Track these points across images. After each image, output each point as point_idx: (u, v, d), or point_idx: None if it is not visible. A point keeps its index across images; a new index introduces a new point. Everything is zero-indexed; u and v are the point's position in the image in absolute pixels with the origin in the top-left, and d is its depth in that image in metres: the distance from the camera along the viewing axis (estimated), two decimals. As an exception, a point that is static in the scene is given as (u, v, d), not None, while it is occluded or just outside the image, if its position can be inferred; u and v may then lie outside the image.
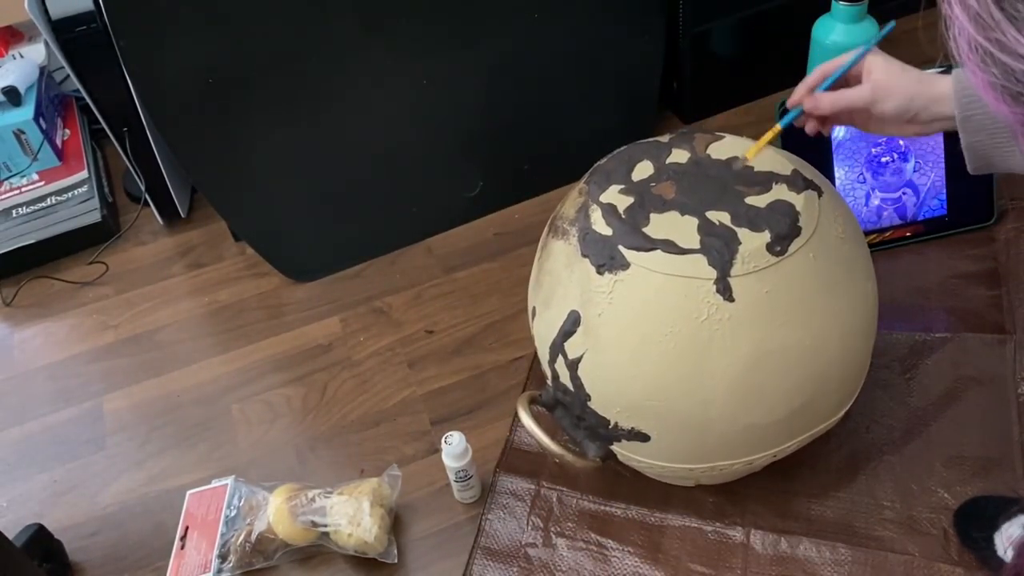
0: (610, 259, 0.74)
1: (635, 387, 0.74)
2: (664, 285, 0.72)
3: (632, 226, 0.75)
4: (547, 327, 0.80)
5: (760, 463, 0.80)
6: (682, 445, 0.77)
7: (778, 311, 0.71)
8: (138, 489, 1.04)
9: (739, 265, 0.71)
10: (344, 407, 1.08)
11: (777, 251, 0.71)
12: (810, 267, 0.73)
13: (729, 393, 0.72)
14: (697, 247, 0.72)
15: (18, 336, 1.26)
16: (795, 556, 0.85)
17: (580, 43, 1.22)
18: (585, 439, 0.81)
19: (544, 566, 0.89)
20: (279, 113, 1.12)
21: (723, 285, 0.70)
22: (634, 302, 0.73)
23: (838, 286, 0.75)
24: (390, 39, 1.10)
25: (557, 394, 0.81)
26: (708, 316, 0.71)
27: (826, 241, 0.74)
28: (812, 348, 0.73)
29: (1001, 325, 1.00)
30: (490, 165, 1.28)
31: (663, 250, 0.73)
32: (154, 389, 1.15)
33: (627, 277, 0.73)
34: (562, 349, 0.78)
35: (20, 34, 1.51)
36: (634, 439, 0.77)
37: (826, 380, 0.75)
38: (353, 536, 0.89)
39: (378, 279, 1.25)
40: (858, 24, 1.15)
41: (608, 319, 0.74)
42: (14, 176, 1.42)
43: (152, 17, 1.00)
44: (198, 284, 1.29)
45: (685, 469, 0.80)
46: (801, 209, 0.74)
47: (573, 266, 0.77)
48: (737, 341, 0.71)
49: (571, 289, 0.77)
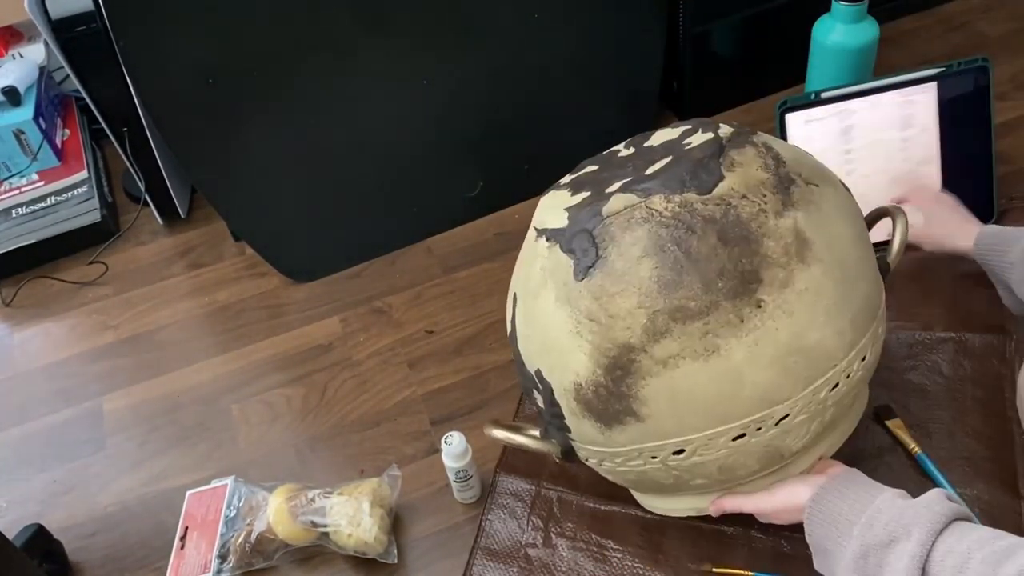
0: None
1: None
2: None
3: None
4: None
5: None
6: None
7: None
8: (138, 489, 1.04)
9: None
10: (344, 407, 1.08)
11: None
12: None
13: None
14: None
15: (18, 336, 1.26)
16: (795, 556, 0.85)
17: (580, 43, 1.22)
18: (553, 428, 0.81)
19: (544, 566, 0.89)
20: (279, 113, 1.12)
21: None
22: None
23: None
24: (390, 39, 1.10)
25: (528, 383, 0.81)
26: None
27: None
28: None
29: (1001, 325, 1.00)
30: (490, 165, 1.28)
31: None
32: (154, 389, 1.15)
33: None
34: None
35: (20, 34, 1.51)
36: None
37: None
38: (353, 536, 0.89)
39: (378, 279, 1.25)
40: (858, 24, 1.15)
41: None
42: (14, 176, 1.42)
43: (152, 17, 1.00)
44: (198, 284, 1.29)
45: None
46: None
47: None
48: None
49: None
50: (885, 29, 1.21)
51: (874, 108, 1.07)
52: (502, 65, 1.19)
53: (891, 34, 1.38)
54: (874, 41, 1.17)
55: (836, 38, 1.16)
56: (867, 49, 1.17)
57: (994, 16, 1.49)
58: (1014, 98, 1.32)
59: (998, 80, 1.09)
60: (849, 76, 1.15)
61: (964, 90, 1.06)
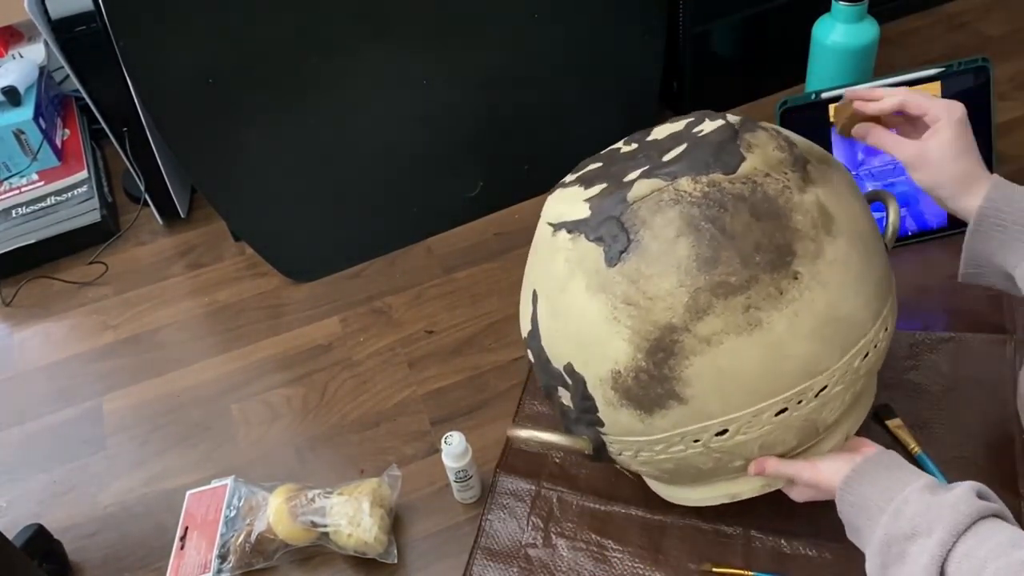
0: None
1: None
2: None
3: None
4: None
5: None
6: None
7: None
8: (138, 489, 1.04)
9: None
10: (344, 407, 1.08)
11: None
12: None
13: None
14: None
15: (18, 336, 1.26)
16: (795, 556, 0.85)
17: (580, 43, 1.22)
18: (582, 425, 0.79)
19: (544, 566, 0.89)
20: (279, 113, 1.12)
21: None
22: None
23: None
24: (390, 39, 1.11)
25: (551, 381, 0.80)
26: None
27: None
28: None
29: (1001, 325, 1.00)
30: (490, 165, 1.28)
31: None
32: (154, 389, 1.15)
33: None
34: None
35: (20, 34, 1.51)
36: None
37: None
38: (353, 536, 0.89)
39: (378, 279, 1.25)
40: (858, 24, 1.15)
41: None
42: (14, 176, 1.42)
43: (152, 17, 1.00)
44: (198, 284, 1.29)
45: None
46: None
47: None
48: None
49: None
50: (885, 29, 1.21)
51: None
52: (502, 65, 1.19)
53: (891, 34, 1.38)
54: (874, 41, 1.17)
55: (836, 38, 1.16)
56: (867, 49, 1.17)
57: (994, 16, 1.49)
58: (1014, 98, 1.32)
59: (998, 80, 1.09)
60: (849, 76, 1.15)
61: (964, 90, 1.06)
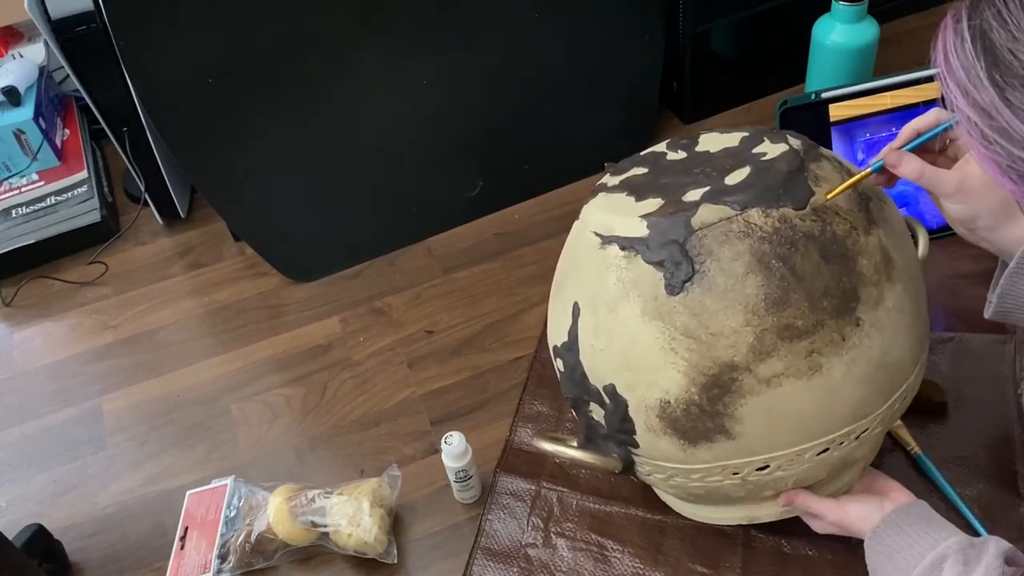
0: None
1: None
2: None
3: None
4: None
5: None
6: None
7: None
8: (137, 489, 1.04)
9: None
10: (344, 407, 1.08)
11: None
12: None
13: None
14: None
15: (18, 336, 1.26)
16: (795, 556, 0.85)
17: (580, 43, 1.22)
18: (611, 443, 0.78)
19: (544, 566, 0.89)
20: (279, 113, 1.12)
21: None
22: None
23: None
24: (390, 39, 1.11)
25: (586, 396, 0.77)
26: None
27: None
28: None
29: (1001, 325, 1.00)
30: (490, 165, 1.28)
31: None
32: (153, 389, 1.15)
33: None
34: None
35: (20, 34, 1.51)
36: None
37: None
38: (353, 536, 0.89)
39: (378, 279, 1.25)
40: (858, 24, 1.15)
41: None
42: (14, 176, 1.42)
43: (152, 17, 1.00)
44: (198, 284, 1.29)
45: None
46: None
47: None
48: None
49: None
50: (885, 29, 1.21)
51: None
52: (502, 65, 1.19)
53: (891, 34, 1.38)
54: (874, 41, 1.17)
55: (836, 38, 1.16)
56: (867, 49, 1.17)
57: (994, 16, 1.48)
58: (1014, 98, 1.32)
59: (998, 80, 1.09)
60: (849, 76, 1.16)
61: (964, 90, 1.06)
